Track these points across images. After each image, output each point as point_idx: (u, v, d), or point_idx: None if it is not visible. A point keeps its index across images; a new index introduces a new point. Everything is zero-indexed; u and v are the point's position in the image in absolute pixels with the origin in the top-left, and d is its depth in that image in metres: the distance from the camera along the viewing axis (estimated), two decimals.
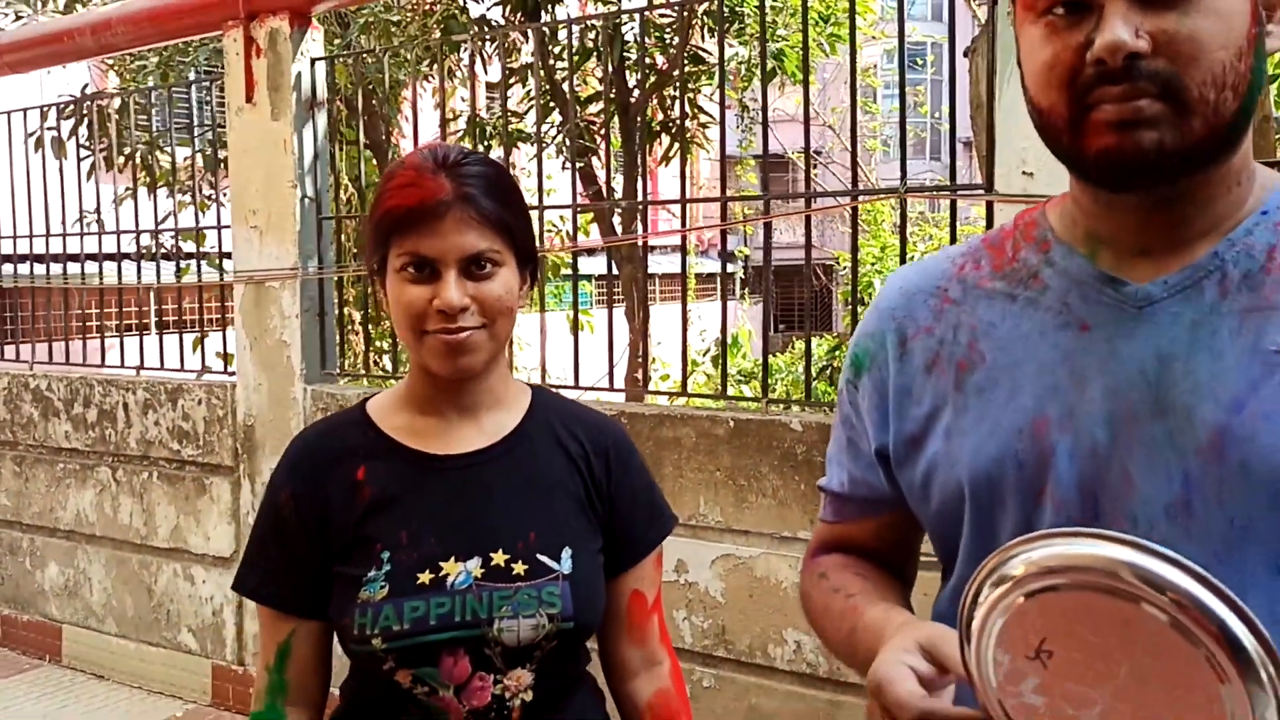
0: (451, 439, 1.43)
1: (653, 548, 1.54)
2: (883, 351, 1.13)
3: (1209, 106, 0.89)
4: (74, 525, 4.86)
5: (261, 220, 4.10)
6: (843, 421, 1.21)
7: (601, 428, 1.53)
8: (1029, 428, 0.99)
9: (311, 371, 4.09)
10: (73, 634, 4.92)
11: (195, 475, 4.44)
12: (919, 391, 1.09)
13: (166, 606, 4.59)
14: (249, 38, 4.02)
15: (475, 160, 1.37)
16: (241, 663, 4.35)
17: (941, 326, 1.09)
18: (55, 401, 4.88)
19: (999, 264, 1.08)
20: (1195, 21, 0.89)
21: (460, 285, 1.33)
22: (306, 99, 4.05)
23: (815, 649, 3.07)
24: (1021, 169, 2.68)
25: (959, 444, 1.04)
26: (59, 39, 4.58)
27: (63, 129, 5.58)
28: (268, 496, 1.45)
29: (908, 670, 0.91)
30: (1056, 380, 0.99)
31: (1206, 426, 0.91)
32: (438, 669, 1.34)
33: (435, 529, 1.38)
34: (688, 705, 1.58)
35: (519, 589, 1.36)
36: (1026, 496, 0.99)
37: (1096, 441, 0.96)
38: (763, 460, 3.13)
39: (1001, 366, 1.03)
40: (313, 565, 1.40)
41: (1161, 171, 0.92)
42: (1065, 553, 0.79)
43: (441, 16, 7.66)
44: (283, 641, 1.42)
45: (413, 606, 1.33)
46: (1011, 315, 1.04)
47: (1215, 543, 0.90)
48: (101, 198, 5.36)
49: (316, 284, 4.11)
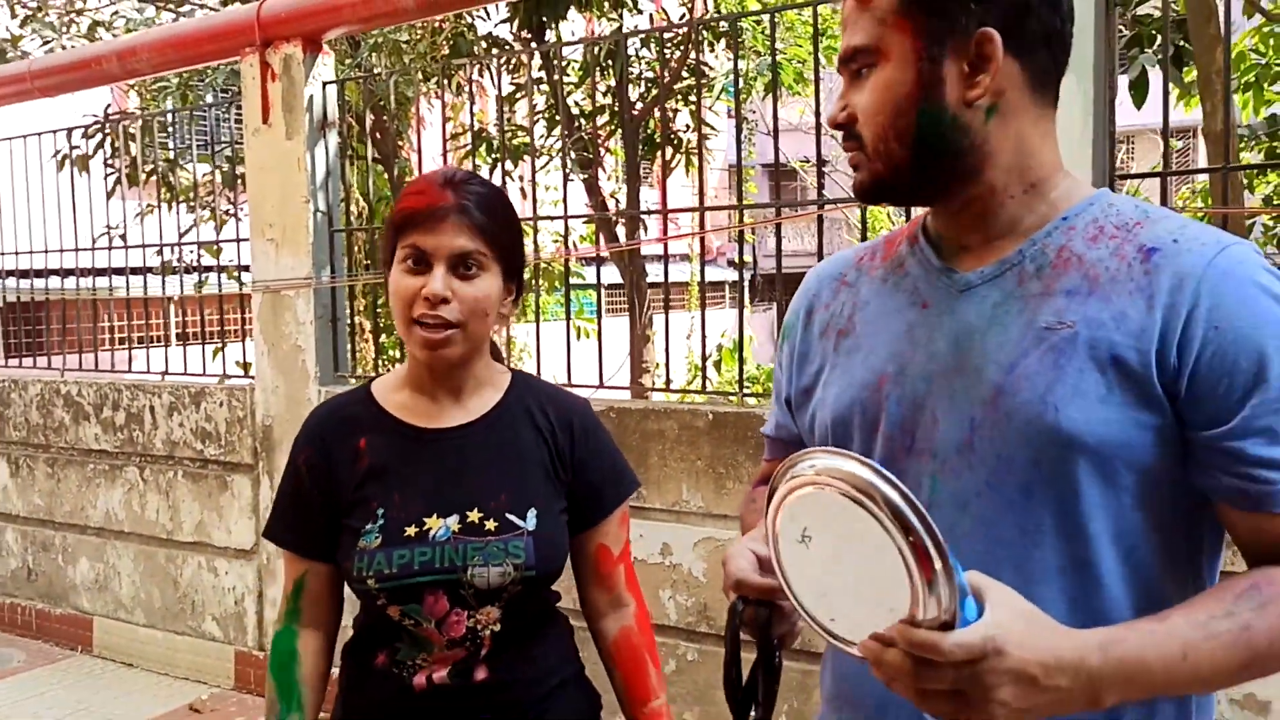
0: (439, 415, 1.72)
1: (615, 507, 1.82)
2: (797, 323, 1.42)
3: (880, 151, 1.20)
4: (104, 523, 5.15)
5: (277, 233, 4.38)
6: (774, 380, 1.50)
7: (567, 404, 1.81)
8: (873, 381, 1.26)
9: (325, 374, 4.36)
10: (103, 625, 5.21)
11: (217, 473, 4.72)
12: (813, 354, 1.38)
13: (191, 597, 4.87)
14: (265, 63, 4.31)
15: (477, 182, 1.68)
16: (262, 648, 4.63)
17: (836, 303, 1.37)
18: (85, 406, 5.17)
19: (887, 255, 1.35)
20: (865, 96, 1.20)
21: (446, 279, 1.61)
22: (319, 120, 4.33)
23: None
24: None
25: (828, 393, 1.32)
26: (87, 65, 4.87)
27: (87, 148, 5.89)
28: (290, 460, 1.76)
29: (748, 551, 1.21)
30: (899, 346, 1.25)
31: (989, 384, 1.17)
32: (421, 605, 1.64)
33: (422, 491, 1.67)
34: (652, 641, 1.86)
35: (489, 542, 1.64)
36: (867, 433, 1.26)
37: (916, 393, 1.22)
38: (740, 449, 3.39)
39: (865, 334, 1.30)
40: (323, 518, 1.71)
41: (873, 197, 1.24)
42: (829, 464, 1.03)
43: (450, 34, 7.94)
44: (298, 578, 1.75)
45: (400, 554, 1.63)
46: (881, 295, 1.31)
47: (987, 473, 1.16)
48: (124, 214, 5.65)
49: (329, 292, 4.39)
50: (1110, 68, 2.86)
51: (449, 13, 5.21)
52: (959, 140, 1.18)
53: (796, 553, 1.07)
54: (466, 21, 8.01)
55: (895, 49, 1.18)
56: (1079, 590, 1.13)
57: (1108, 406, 1.11)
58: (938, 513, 1.11)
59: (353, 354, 4.76)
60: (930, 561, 0.96)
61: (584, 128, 7.66)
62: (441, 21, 8.19)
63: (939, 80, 1.17)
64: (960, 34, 1.17)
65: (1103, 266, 1.16)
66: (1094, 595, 1.14)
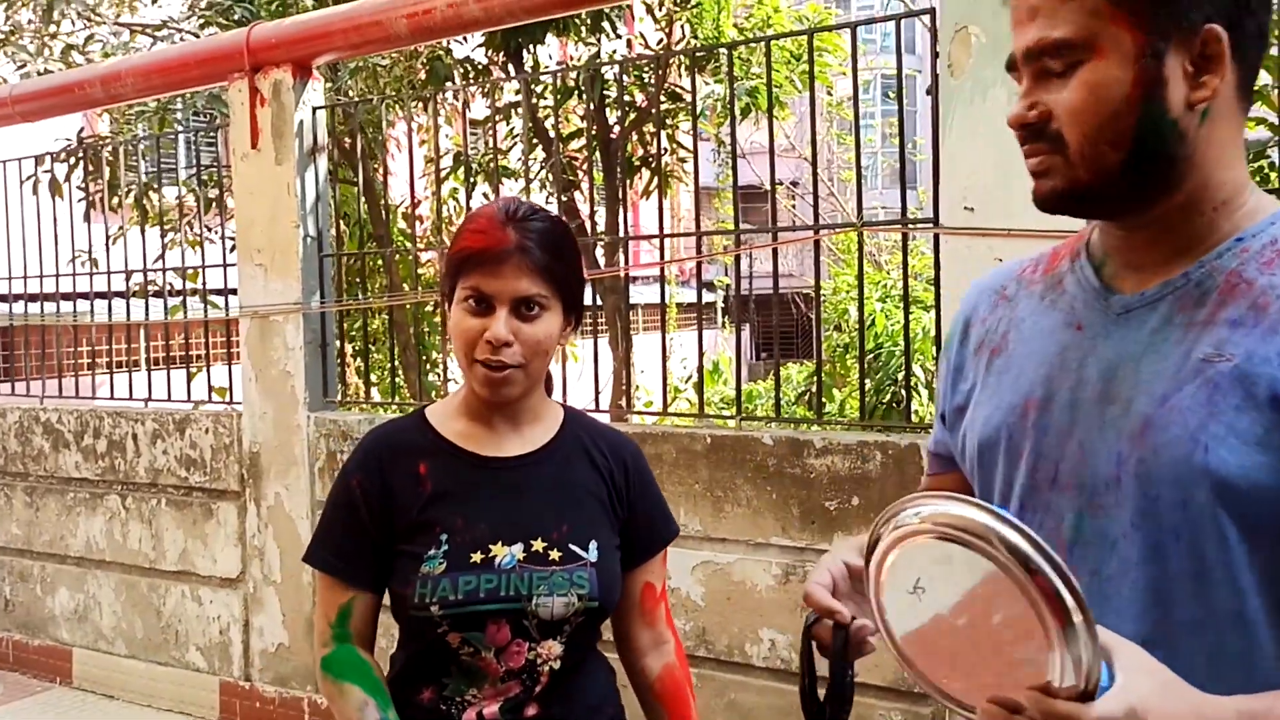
0: (498, 444, 1.72)
1: (662, 547, 1.84)
2: (955, 336, 1.37)
3: (1087, 155, 1.10)
4: (84, 552, 5.08)
5: (266, 258, 4.36)
6: (937, 391, 1.45)
7: (620, 443, 1.83)
8: (1020, 405, 1.20)
9: (314, 400, 4.34)
10: (83, 656, 5.13)
11: (202, 501, 4.67)
12: (968, 370, 1.33)
13: (175, 627, 4.81)
14: (254, 88, 4.29)
15: (539, 217, 1.66)
16: (248, 678, 4.57)
17: (993, 318, 1.31)
18: (65, 433, 5.11)
19: (1049, 269, 1.28)
20: (1070, 95, 1.10)
21: (509, 322, 1.61)
22: (309, 145, 4.32)
23: (788, 646, 3.32)
24: (964, 204, 2.97)
25: (978, 414, 1.27)
26: (70, 90, 4.83)
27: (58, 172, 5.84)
28: (340, 483, 1.73)
29: (838, 561, 1.20)
30: (1049, 370, 1.19)
31: (1138, 416, 1.10)
32: (483, 634, 1.62)
33: (486, 518, 1.66)
34: (690, 678, 1.88)
35: (554, 571, 1.64)
36: (1011, 461, 1.20)
37: (1063, 421, 1.16)
38: (737, 473, 3.39)
39: (1017, 355, 1.24)
40: (374, 545, 1.68)
41: (1067, 207, 1.14)
42: (937, 510, 1.00)
43: (428, 59, 7.94)
44: (343, 605, 1.70)
45: (466, 581, 1.61)
46: (1037, 313, 1.24)
47: (1133, 512, 1.09)
48: (99, 238, 5.60)
49: (319, 317, 4.37)
50: None
51: (441, 39, 5.20)
52: (1177, 147, 1.10)
53: (906, 604, 1.02)
54: (444, 46, 8.02)
55: (1111, 43, 1.08)
56: (1223, 643, 1.06)
57: (1264, 450, 1.03)
58: (1083, 551, 1.08)
59: (342, 380, 4.73)
60: (1066, 615, 0.90)
61: (561, 151, 7.67)
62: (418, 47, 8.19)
63: (1162, 80, 1.08)
64: (1186, 29, 1.07)
65: (1275, 294, 1.07)
66: (1239, 649, 1.06)
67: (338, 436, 4.24)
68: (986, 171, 2.93)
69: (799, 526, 3.30)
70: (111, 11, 8.30)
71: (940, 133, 3.03)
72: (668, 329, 3.97)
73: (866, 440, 3.21)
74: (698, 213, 3.98)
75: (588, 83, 6.74)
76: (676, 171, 8.95)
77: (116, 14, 8.29)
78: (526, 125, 5.09)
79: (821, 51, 8.49)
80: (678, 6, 8.54)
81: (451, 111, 8.60)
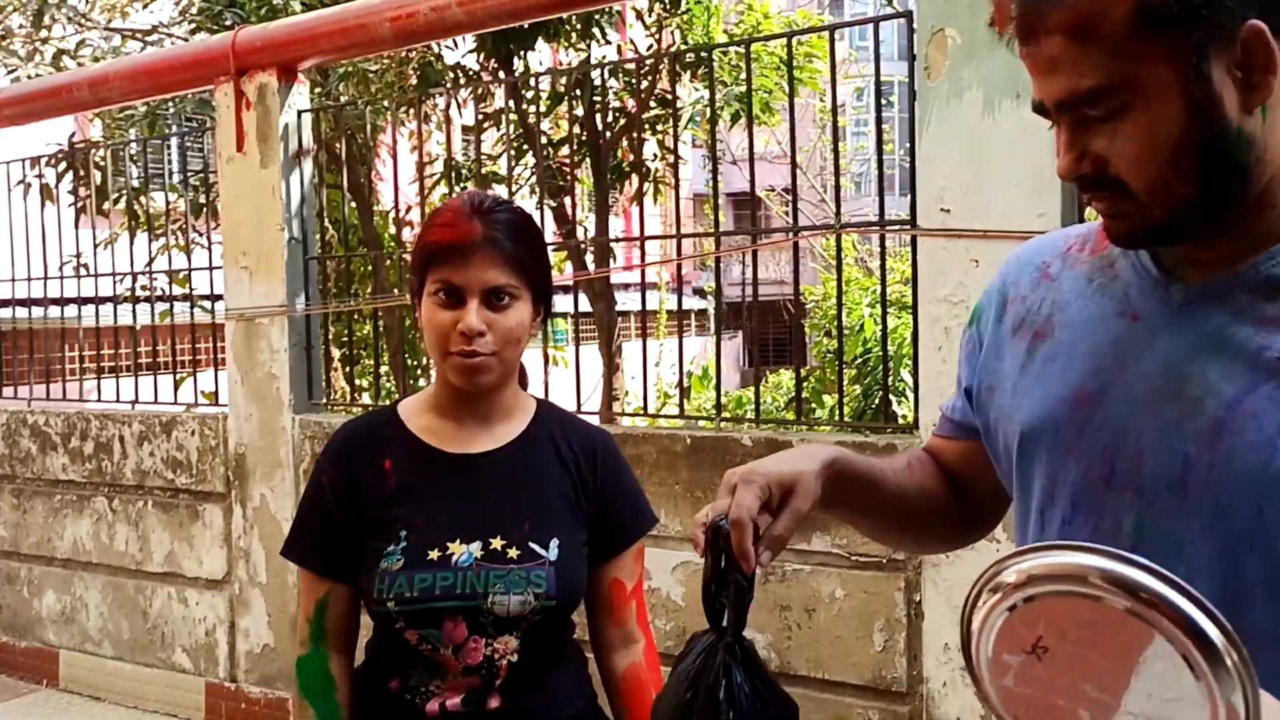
0: (465, 440, 1.73)
1: (633, 542, 1.81)
2: (989, 309, 1.29)
3: (1158, 196, 1.02)
4: (71, 554, 5.09)
5: (251, 261, 4.38)
6: (960, 359, 1.38)
7: (591, 435, 1.82)
8: (1070, 397, 1.13)
9: (300, 402, 4.35)
10: (69, 658, 5.13)
11: (189, 503, 4.69)
12: (1003, 349, 1.25)
13: (161, 629, 4.82)
14: (239, 92, 4.31)
15: (505, 209, 1.68)
16: (234, 680, 4.58)
17: (1034, 296, 1.23)
18: (53, 436, 5.12)
19: (1097, 249, 1.19)
20: (1123, 145, 1.01)
21: (480, 313, 1.62)
22: (294, 148, 4.34)
23: (767, 646, 3.34)
24: (940, 206, 2.99)
25: (1018, 402, 1.19)
26: (58, 93, 4.86)
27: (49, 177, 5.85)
28: (312, 479, 1.75)
29: (765, 487, 1.12)
30: (1102, 361, 1.12)
31: (1207, 417, 1.03)
32: (440, 630, 1.63)
33: (447, 515, 1.67)
34: (659, 678, 1.82)
35: (511, 570, 1.64)
36: (1057, 454, 1.13)
37: (1119, 417, 1.09)
38: (717, 474, 3.39)
39: (1064, 342, 1.16)
40: (345, 538, 1.70)
41: (1145, 244, 1.09)
42: (1051, 562, 0.92)
43: (418, 64, 7.96)
44: (320, 599, 1.72)
45: (422, 578, 1.62)
46: (1084, 297, 1.17)
47: (1202, 520, 1.02)
48: (90, 242, 5.62)
49: (304, 320, 4.39)
50: None
51: (424, 42, 5.23)
52: (1246, 156, 1.02)
53: (1022, 667, 0.94)
54: (434, 51, 8.04)
55: (1150, 80, 0.99)
56: None
57: None
58: (1146, 556, 0.99)
59: (327, 382, 4.75)
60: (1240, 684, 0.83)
61: (552, 156, 7.70)
62: (409, 51, 8.22)
63: (1214, 98, 0.99)
64: (1224, 37, 0.98)
65: None
66: None
67: (322, 438, 4.26)
68: (962, 173, 2.95)
69: None
70: (102, 17, 8.32)
71: (916, 135, 3.05)
72: (659, 335, 3.99)
73: (844, 441, 3.24)
74: (678, 217, 4.01)
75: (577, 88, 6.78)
76: (666, 177, 8.99)
77: (107, 19, 8.31)
78: (506, 130, 5.07)
79: (811, 57, 8.52)
80: (668, 13, 8.57)
81: (443, 117, 8.64)
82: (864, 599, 3.19)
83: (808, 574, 3.27)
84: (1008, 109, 2.88)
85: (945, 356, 2.99)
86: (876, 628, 3.17)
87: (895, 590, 3.14)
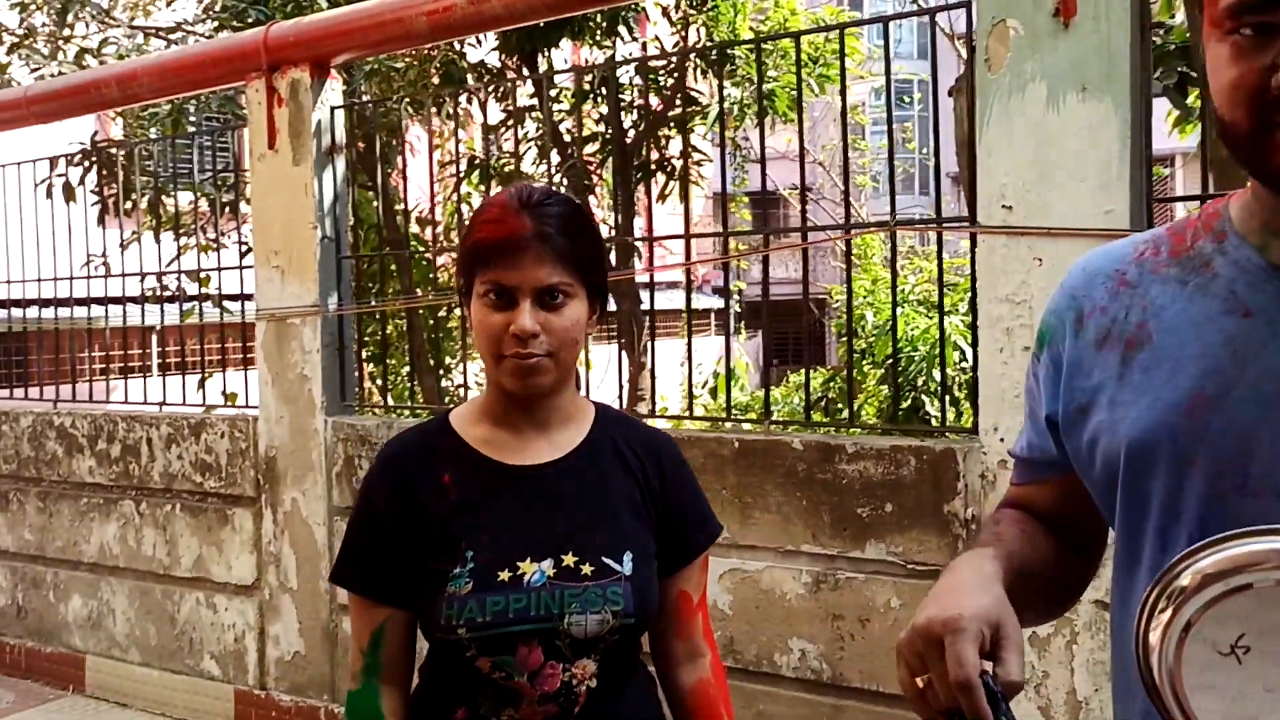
0: (525, 450, 1.62)
1: (699, 552, 1.71)
2: (1062, 327, 1.21)
3: None
4: (97, 558, 5.02)
5: (283, 260, 4.30)
6: (1027, 392, 1.30)
7: (655, 441, 1.71)
8: (1186, 403, 1.06)
9: (332, 404, 4.27)
10: (95, 664, 5.07)
11: (217, 506, 4.61)
12: (1089, 365, 1.16)
13: (189, 635, 4.74)
14: (271, 88, 4.23)
15: (556, 201, 1.56)
16: (263, 687, 4.50)
17: (1115, 306, 1.16)
18: (79, 438, 5.05)
19: (1177, 250, 1.14)
20: None
21: (533, 314, 1.51)
22: (327, 145, 4.26)
23: (818, 657, 3.24)
24: (1001, 203, 2.89)
25: (1121, 415, 1.11)
26: (86, 90, 4.79)
27: (72, 176, 5.80)
28: (363, 496, 1.63)
29: (979, 633, 0.99)
30: (1218, 362, 1.05)
31: None
32: (514, 657, 1.51)
33: (513, 531, 1.56)
34: (726, 693, 1.74)
35: (587, 588, 1.54)
36: (1177, 465, 1.06)
37: (1251, 417, 1.02)
38: (767, 479, 3.32)
39: (1167, 346, 1.09)
40: (403, 559, 1.58)
41: None
42: (1235, 554, 0.87)
43: (441, 62, 7.89)
44: (376, 628, 1.60)
45: (494, 601, 1.51)
46: (1181, 299, 1.10)
47: None
48: (113, 242, 5.55)
49: (336, 320, 4.30)
50: (1146, 90, 2.83)
51: (460, 37, 5.15)
52: None
53: (1216, 667, 0.89)
54: (457, 50, 7.97)
55: None
56: None
57: None
58: None
59: (360, 383, 4.67)
60: None
61: (576, 155, 7.62)
62: (432, 49, 8.16)
63: None
64: None
65: None
66: None
67: (355, 441, 4.18)
68: (1025, 169, 2.85)
69: (830, 533, 3.22)
70: (125, 15, 8.27)
71: (976, 129, 2.95)
72: (683, 335, 3.90)
73: (900, 445, 3.14)
74: (687, 216, 3.91)
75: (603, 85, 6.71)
76: (693, 175, 8.91)
77: (130, 17, 8.26)
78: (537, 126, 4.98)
79: (836, 54, 8.43)
80: (694, 9, 8.48)
81: (465, 116, 8.56)
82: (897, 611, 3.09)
83: (861, 582, 3.17)
84: (1073, 102, 2.78)
85: (1007, 358, 2.89)
86: None
87: None
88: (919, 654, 1.01)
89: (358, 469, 4.16)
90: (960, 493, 3.01)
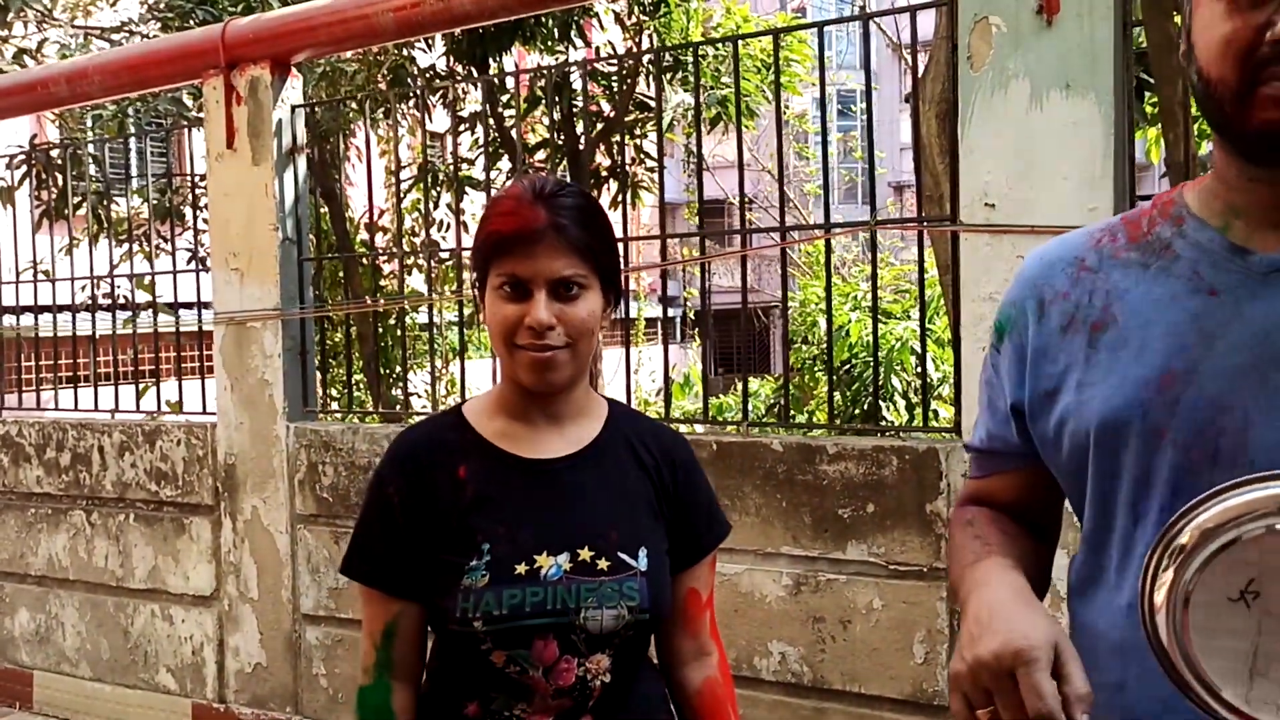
0: (540, 444, 1.60)
1: (709, 551, 1.71)
2: (1023, 317, 1.22)
3: None
4: (45, 570, 4.86)
5: (243, 262, 4.19)
6: (985, 384, 1.31)
7: (668, 438, 1.70)
8: (1156, 379, 1.08)
9: (294, 410, 4.17)
10: (44, 679, 4.90)
11: (174, 515, 4.48)
12: (1054, 350, 1.18)
13: (144, 647, 4.61)
14: (229, 86, 4.13)
15: (569, 192, 1.54)
16: (222, 700, 4.38)
17: (1077, 291, 1.18)
18: (26, 447, 4.89)
19: (1134, 236, 1.17)
20: None
21: (549, 306, 1.49)
22: (288, 145, 4.16)
23: (799, 659, 3.22)
24: (984, 201, 2.89)
25: (1089, 395, 1.13)
26: (33, 89, 4.64)
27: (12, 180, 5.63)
28: (374, 489, 1.60)
29: (1050, 661, 0.98)
30: (1185, 339, 1.08)
31: None
32: (529, 651, 1.50)
33: (529, 525, 1.54)
34: (733, 692, 1.75)
35: (603, 582, 1.53)
36: (1149, 439, 1.08)
37: (1219, 390, 1.05)
38: (745, 480, 3.28)
39: (1133, 327, 1.12)
40: (416, 552, 1.55)
41: None
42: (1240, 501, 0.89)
43: (390, 66, 7.79)
44: (389, 621, 1.58)
45: (511, 594, 1.50)
46: (1144, 282, 1.13)
47: None
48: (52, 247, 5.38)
49: (298, 324, 4.21)
50: (1129, 90, 2.84)
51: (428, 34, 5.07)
52: None
53: (1222, 615, 0.90)
54: (407, 54, 7.87)
55: None
56: None
57: None
58: None
59: (323, 388, 4.58)
60: None
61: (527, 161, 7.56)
62: (379, 53, 8.06)
63: None
64: None
65: None
66: None
67: (319, 447, 4.08)
68: (1008, 167, 2.86)
69: (811, 535, 3.19)
70: (65, 16, 8.07)
71: (959, 127, 2.95)
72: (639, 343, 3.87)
73: (882, 445, 3.12)
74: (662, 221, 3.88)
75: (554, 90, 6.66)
76: (644, 181, 8.87)
77: (70, 17, 8.06)
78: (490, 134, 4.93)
79: (788, 61, 8.45)
80: (646, 15, 8.47)
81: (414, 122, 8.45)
82: (904, 609, 3.08)
83: (843, 584, 3.15)
84: (1057, 100, 2.79)
85: None
86: (917, 639, 3.06)
87: (937, 600, 3.03)
88: (983, 687, 0.99)
89: (321, 475, 4.06)
90: (943, 492, 3.00)
